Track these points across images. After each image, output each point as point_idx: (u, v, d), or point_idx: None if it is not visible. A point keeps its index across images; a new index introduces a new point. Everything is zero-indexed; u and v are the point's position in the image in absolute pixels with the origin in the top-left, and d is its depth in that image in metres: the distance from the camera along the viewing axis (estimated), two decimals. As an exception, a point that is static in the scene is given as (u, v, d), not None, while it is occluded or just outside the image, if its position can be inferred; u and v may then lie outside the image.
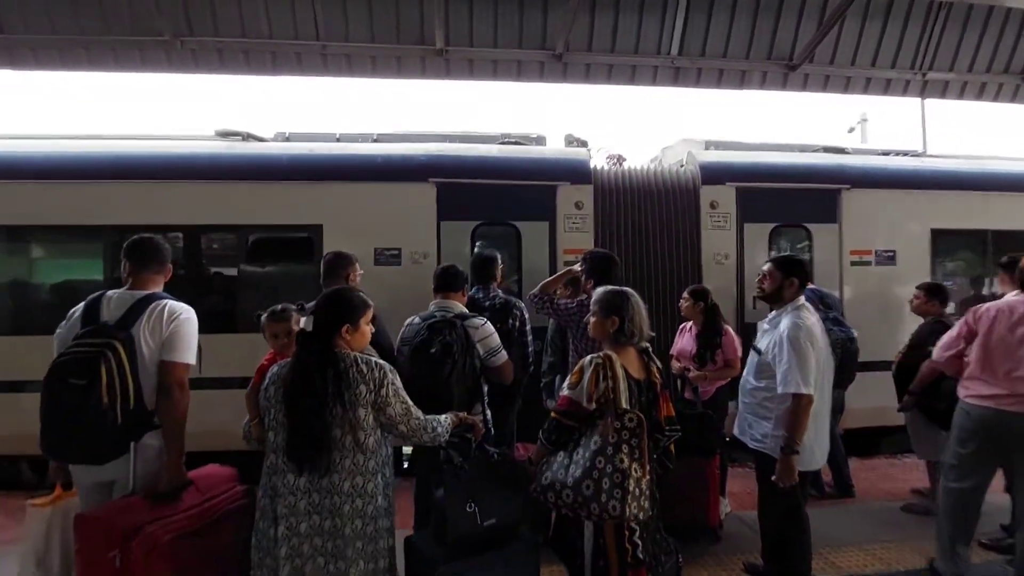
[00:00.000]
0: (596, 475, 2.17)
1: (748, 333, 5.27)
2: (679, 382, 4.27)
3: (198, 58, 4.98)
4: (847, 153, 6.30)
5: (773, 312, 3.06)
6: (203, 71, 5.07)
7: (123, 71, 5.00)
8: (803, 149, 6.29)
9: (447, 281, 3.23)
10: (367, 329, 2.20)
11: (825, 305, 4.26)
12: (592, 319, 2.52)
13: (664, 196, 5.52)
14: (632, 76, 5.59)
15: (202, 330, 2.51)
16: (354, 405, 2.00)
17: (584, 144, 6.02)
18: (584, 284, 3.67)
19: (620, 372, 2.31)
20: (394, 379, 2.09)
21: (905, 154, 6.56)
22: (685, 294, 4.34)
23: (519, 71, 5.33)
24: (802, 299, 2.97)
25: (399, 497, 2.32)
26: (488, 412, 3.07)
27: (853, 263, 5.58)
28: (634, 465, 2.17)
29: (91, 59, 4.88)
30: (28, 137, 5.16)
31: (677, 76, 5.71)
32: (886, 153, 6.55)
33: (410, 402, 2.14)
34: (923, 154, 6.67)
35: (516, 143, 5.74)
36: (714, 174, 5.58)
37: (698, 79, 5.74)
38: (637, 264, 5.39)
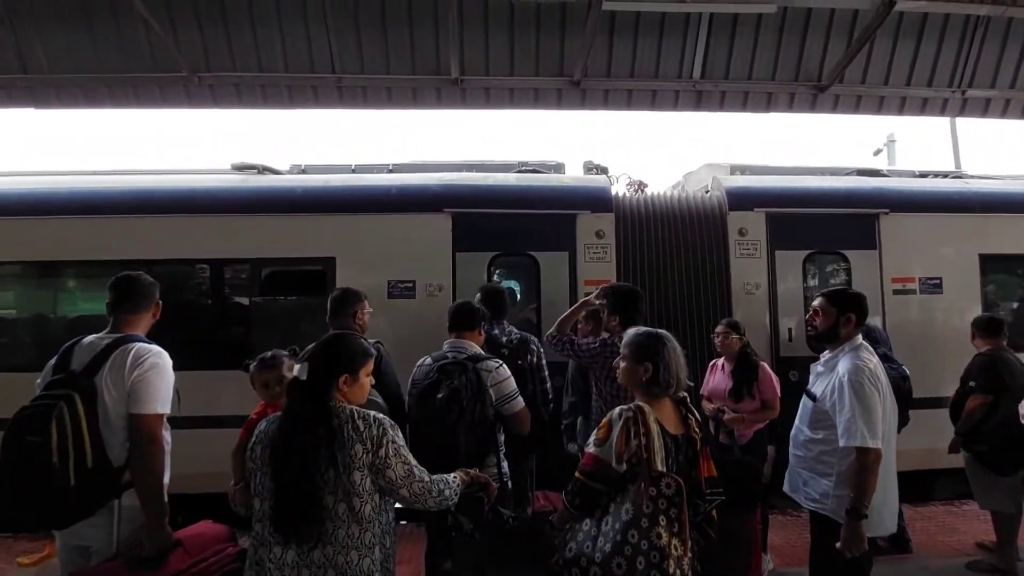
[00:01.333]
0: (629, 551, 1.89)
1: (784, 367, 4.99)
2: (712, 425, 3.97)
3: (216, 93, 5.01)
4: (883, 175, 6.00)
5: (828, 353, 2.76)
6: (221, 106, 5.09)
7: (144, 107, 5.06)
8: (835, 172, 6.03)
9: (462, 320, 3.04)
10: (367, 381, 1.99)
11: (872, 340, 3.93)
12: (622, 364, 2.28)
13: (689, 223, 5.29)
14: (652, 101, 5.42)
15: (212, 366, 2.33)
16: (348, 468, 1.77)
17: (604, 171, 5.87)
18: (607, 321, 3.42)
19: (654, 428, 2.05)
20: (395, 436, 1.87)
21: (945, 175, 6.23)
22: (721, 327, 4.06)
23: (536, 98, 5.23)
24: (860, 338, 2.68)
25: (413, 543, 2.05)
26: (504, 464, 2.83)
27: (896, 291, 5.23)
28: (674, 541, 1.89)
29: (113, 96, 4.95)
30: (41, 174, 5.23)
31: (700, 100, 5.52)
32: (924, 175, 6.23)
33: (413, 462, 1.91)
34: (964, 175, 6.33)
35: (534, 171, 5.62)
36: (742, 199, 5.34)
37: (722, 103, 5.54)
38: (662, 295, 5.14)
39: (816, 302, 2.81)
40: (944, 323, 5.18)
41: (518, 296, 5.21)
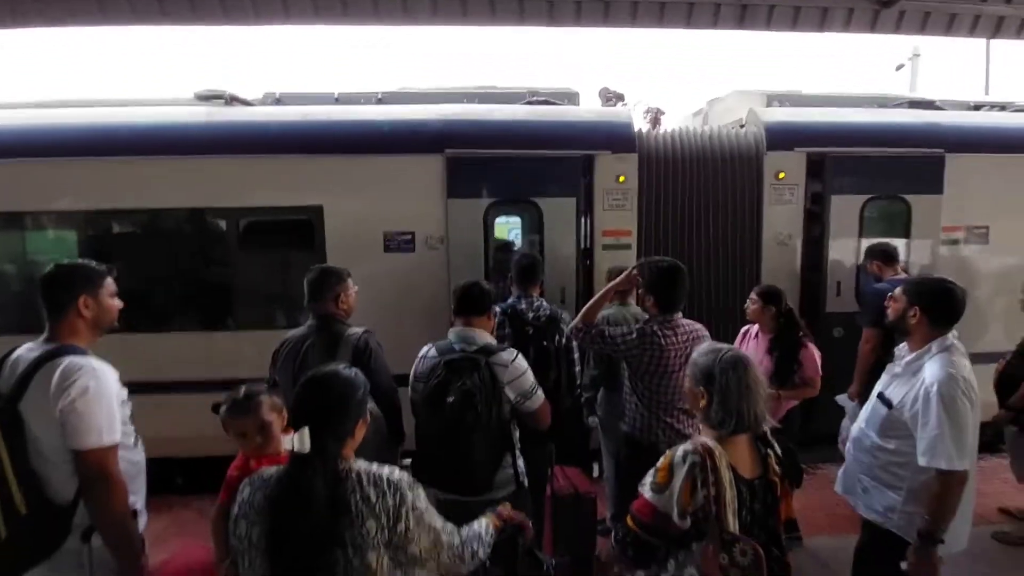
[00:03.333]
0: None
1: (828, 324, 4.62)
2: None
3: (166, 7, 4.14)
4: (937, 107, 5.31)
5: (906, 350, 2.36)
6: (173, 21, 4.23)
7: (79, 24, 4.20)
8: (883, 103, 5.33)
9: (470, 303, 2.57)
10: (361, 433, 1.57)
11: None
12: (685, 382, 1.89)
13: (721, 165, 4.69)
14: (688, 17, 4.58)
15: (182, 328, 1.85)
16: (361, 550, 1.38)
17: (621, 97, 5.13)
18: (642, 300, 2.95)
19: (726, 475, 1.64)
20: (416, 499, 1.46)
21: (1003, 108, 5.54)
22: (753, 296, 3.65)
23: (551, 12, 4.37)
24: (951, 337, 2.26)
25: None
26: (520, 462, 2.52)
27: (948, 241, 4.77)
28: (747, 617, 1.55)
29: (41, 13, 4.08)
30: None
31: (743, 16, 4.68)
32: (978, 107, 5.54)
33: (439, 524, 1.52)
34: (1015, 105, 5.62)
35: (546, 102, 4.88)
36: (782, 137, 4.71)
37: (769, 20, 4.70)
38: (687, 248, 4.65)
39: (896, 290, 2.44)
40: (1005, 275, 4.82)
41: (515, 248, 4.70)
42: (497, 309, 3.20)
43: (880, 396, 2.37)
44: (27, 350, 1.84)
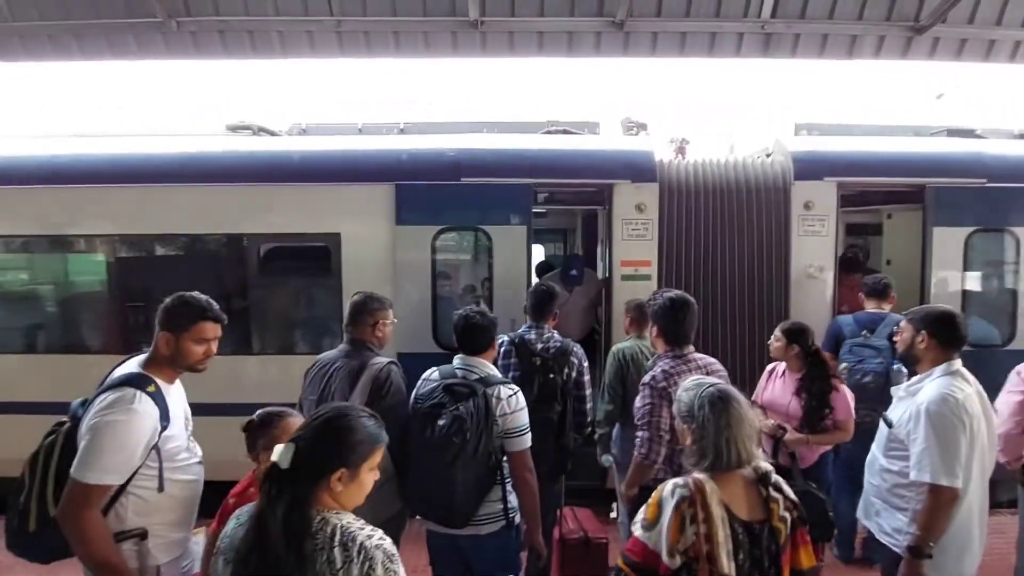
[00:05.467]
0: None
1: None
2: (770, 444, 3.41)
3: (198, 41, 4.33)
4: (978, 136, 5.06)
5: (915, 375, 2.47)
6: (204, 55, 4.42)
7: (117, 58, 4.42)
8: (919, 132, 5.11)
9: (468, 341, 2.52)
10: (369, 479, 1.43)
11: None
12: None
13: (746, 195, 4.53)
14: (711, 46, 4.51)
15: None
16: None
17: (643, 127, 5.07)
18: (651, 332, 2.80)
19: (717, 512, 1.55)
20: (390, 570, 1.32)
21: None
22: (777, 334, 3.45)
23: (570, 44, 4.38)
24: (957, 364, 2.35)
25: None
26: (512, 497, 2.43)
27: None
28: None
29: (83, 47, 4.31)
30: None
31: (768, 45, 4.58)
32: None
33: None
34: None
35: (564, 132, 4.87)
36: (810, 167, 4.54)
37: (795, 48, 4.59)
38: (709, 280, 4.48)
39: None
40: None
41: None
42: (505, 339, 3.11)
43: (883, 417, 2.46)
44: (120, 369, 1.96)
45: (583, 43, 4.45)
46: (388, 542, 1.35)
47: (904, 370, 3.00)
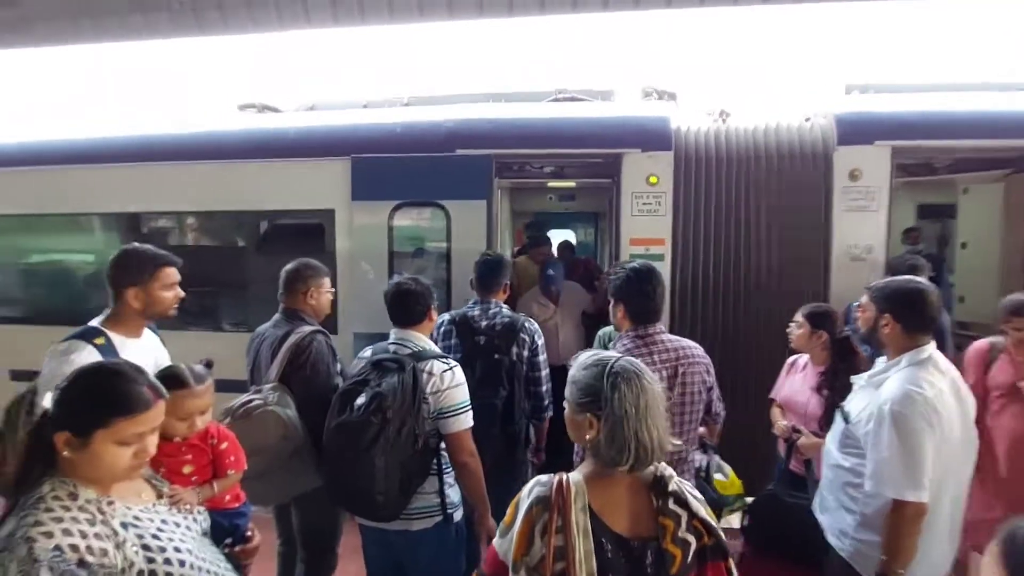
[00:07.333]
0: None
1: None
2: (783, 448, 2.93)
3: (200, 18, 4.31)
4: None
5: (880, 360, 2.14)
6: (207, 31, 4.39)
7: (130, 39, 4.51)
8: (986, 88, 4.28)
9: (399, 312, 2.25)
10: (111, 450, 1.19)
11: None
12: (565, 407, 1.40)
13: (778, 164, 3.95)
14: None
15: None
16: None
17: (672, 97, 4.57)
18: (612, 311, 2.38)
19: (579, 522, 1.21)
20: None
21: None
22: (799, 316, 2.96)
23: (574, 1, 3.97)
24: (929, 350, 1.98)
25: None
26: (451, 492, 2.18)
27: None
28: None
29: (96, 29, 4.42)
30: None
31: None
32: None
33: None
34: None
35: (572, 99, 4.47)
36: (856, 129, 3.90)
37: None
38: (734, 263, 3.94)
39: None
40: None
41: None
42: (446, 317, 2.80)
43: (840, 408, 2.18)
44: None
45: None
46: (36, 533, 1.07)
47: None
